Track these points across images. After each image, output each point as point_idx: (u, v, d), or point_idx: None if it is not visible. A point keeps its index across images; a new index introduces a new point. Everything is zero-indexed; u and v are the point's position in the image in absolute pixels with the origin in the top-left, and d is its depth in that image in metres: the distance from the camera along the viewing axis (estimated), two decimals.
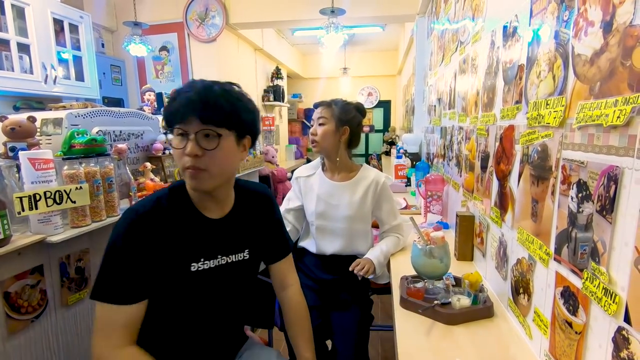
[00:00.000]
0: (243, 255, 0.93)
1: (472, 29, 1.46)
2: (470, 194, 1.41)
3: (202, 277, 0.86)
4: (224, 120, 0.79)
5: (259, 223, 0.98)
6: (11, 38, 2.30)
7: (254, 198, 0.99)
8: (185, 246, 0.84)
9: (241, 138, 0.84)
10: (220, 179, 0.83)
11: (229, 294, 0.94)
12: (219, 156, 0.79)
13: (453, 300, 0.98)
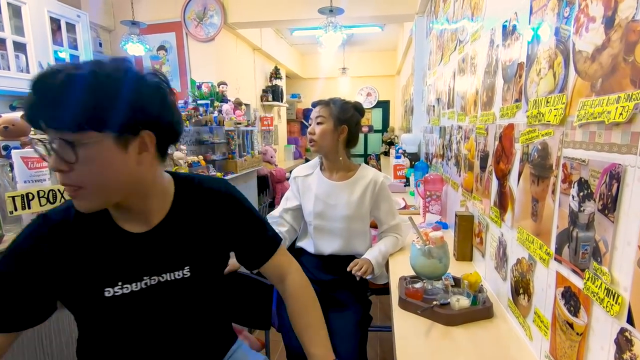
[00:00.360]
0: (182, 273, 0.74)
1: (471, 27, 1.45)
2: (469, 193, 1.40)
3: (122, 304, 0.70)
4: (78, 121, 0.56)
5: (210, 231, 0.78)
6: (7, 37, 2.28)
7: (205, 201, 0.79)
8: (96, 268, 0.68)
9: (129, 137, 0.62)
10: (112, 195, 0.65)
11: (171, 318, 0.77)
12: (88, 171, 0.59)
13: (452, 301, 0.97)
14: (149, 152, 0.66)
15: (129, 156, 0.63)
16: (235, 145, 2.68)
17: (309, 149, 6.95)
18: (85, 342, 0.77)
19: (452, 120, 1.78)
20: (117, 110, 0.59)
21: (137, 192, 0.69)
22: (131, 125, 0.61)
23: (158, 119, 0.66)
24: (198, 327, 0.82)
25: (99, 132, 0.58)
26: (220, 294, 0.87)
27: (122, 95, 0.59)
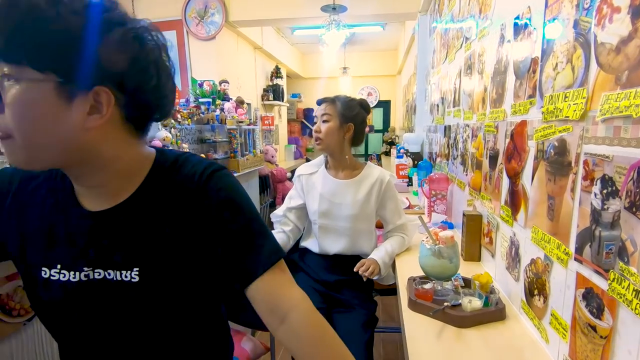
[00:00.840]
0: (129, 275, 0.58)
1: (478, 24, 1.43)
2: (477, 192, 1.38)
3: (57, 292, 0.59)
4: (11, 50, 0.47)
5: (176, 229, 0.60)
6: None
7: (180, 186, 0.61)
8: (41, 238, 0.60)
9: (79, 90, 0.50)
10: (42, 154, 0.52)
11: (119, 334, 0.61)
12: (17, 115, 0.48)
13: (464, 302, 0.95)
14: (102, 115, 0.52)
15: (72, 114, 0.50)
16: (237, 144, 2.66)
17: (311, 148, 6.96)
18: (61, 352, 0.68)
19: (458, 119, 1.76)
20: (66, 49, 0.47)
21: (86, 163, 0.55)
22: (81, 74, 0.49)
23: (125, 77, 0.53)
24: (160, 345, 0.63)
25: (39, 71, 0.47)
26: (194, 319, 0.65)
27: (76, 31, 0.48)
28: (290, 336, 0.60)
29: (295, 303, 0.61)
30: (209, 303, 0.69)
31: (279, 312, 0.60)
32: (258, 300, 0.61)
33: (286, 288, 0.63)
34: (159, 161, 0.64)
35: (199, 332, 0.67)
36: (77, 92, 0.50)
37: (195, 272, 0.62)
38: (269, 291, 0.61)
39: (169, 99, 0.64)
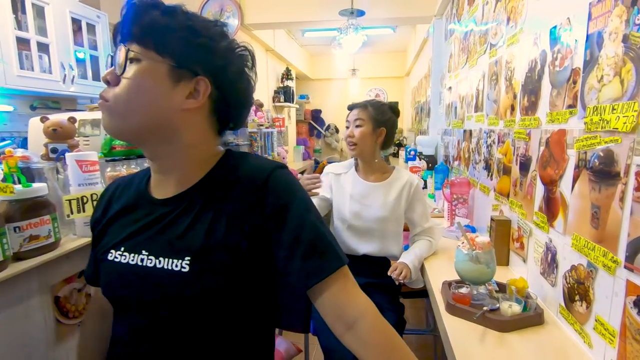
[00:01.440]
0: (180, 263, 0.59)
1: (506, 31, 1.45)
2: (504, 198, 1.40)
3: (118, 274, 0.63)
4: (147, 36, 0.58)
5: (232, 221, 0.61)
6: (31, 37, 2.29)
7: (242, 181, 0.64)
8: (117, 226, 0.67)
9: (184, 74, 0.60)
10: (128, 121, 0.59)
11: (165, 323, 0.62)
12: (127, 85, 0.58)
13: (504, 307, 0.97)
14: (197, 100, 0.62)
15: (174, 94, 0.60)
16: (258, 146, 2.69)
17: (318, 149, 6.96)
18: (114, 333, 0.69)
19: (481, 124, 1.78)
20: (183, 41, 0.60)
21: (167, 143, 0.62)
22: (191, 63, 0.61)
23: (221, 73, 0.63)
24: (208, 341, 0.63)
25: (159, 54, 0.59)
26: (245, 314, 0.66)
27: (195, 31, 0.60)
28: (358, 343, 0.61)
29: (363, 311, 0.62)
30: (258, 301, 0.68)
31: (346, 319, 0.61)
32: (324, 307, 0.63)
33: (352, 295, 0.64)
34: (225, 157, 0.69)
35: (244, 329, 0.67)
36: (183, 77, 0.61)
37: (248, 268, 0.62)
38: (336, 298, 0.62)
39: (247, 111, 0.71)
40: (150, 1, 0.60)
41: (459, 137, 2.29)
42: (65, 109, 2.87)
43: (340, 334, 0.63)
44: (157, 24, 0.58)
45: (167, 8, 0.60)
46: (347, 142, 1.46)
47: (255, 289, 0.65)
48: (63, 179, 1.03)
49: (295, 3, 3.34)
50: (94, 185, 0.96)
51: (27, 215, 0.82)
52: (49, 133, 1.06)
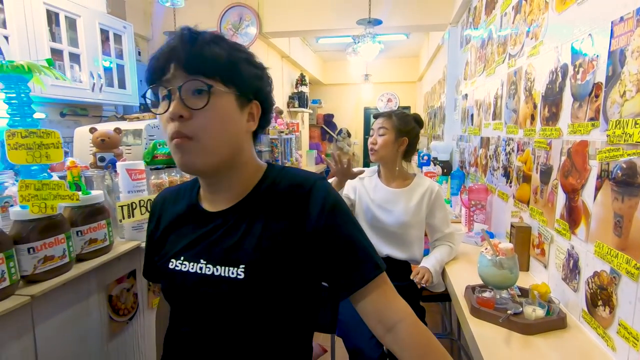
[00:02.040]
0: (235, 271, 0.64)
1: (526, 42, 1.49)
2: (524, 205, 1.44)
3: (179, 281, 0.68)
4: (216, 69, 0.61)
5: (280, 231, 0.66)
6: (64, 48, 2.40)
7: (286, 193, 0.68)
8: (171, 236, 0.72)
9: (245, 101, 0.66)
10: (217, 155, 0.63)
11: (221, 326, 0.67)
12: (211, 118, 0.60)
13: (528, 311, 1.01)
14: (255, 123, 0.69)
15: (242, 118, 0.66)
16: (279, 152, 2.76)
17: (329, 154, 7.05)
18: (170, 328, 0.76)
19: (499, 132, 1.82)
20: (246, 73, 0.65)
21: (231, 167, 0.67)
22: (247, 88, 0.66)
23: (266, 97, 0.71)
24: (258, 344, 0.68)
25: (226, 86, 0.63)
26: (295, 314, 0.71)
27: (250, 62, 0.67)
28: (397, 345, 0.67)
29: (403, 316, 0.68)
30: (301, 306, 0.73)
31: (386, 322, 0.67)
32: (365, 311, 0.68)
33: (391, 300, 0.69)
34: (268, 170, 0.74)
35: (291, 331, 0.72)
36: (245, 103, 0.67)
37: (297, 273, 0.67)
38: (376, 303, 0.68)
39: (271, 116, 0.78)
40: (208, 36, 0.63)
41: (476, 143, 2.32)
42: (92, 115, 2.99)
43: (380, 335, 0.68)
44: (221, 58, 0.62)
45: (221, 41, 0.64)
46: (369, 148, 1.53)
47: (299, 295, 0.70)
48: (110, 186, 1.11)
49: (312, 12, 3.41)
50: (141, 192, 1.03)
51: (87, 220, 0.89)
52: (97, 143, 1.14)
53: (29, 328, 0.77)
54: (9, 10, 2.04)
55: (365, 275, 0.67)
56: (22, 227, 0.77)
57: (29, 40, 2.15)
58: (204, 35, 0.63)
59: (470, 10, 2.68)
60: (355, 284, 0.67)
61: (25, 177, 0.77)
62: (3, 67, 0.72)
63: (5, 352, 0.74)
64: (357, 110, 7.45)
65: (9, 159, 0.73)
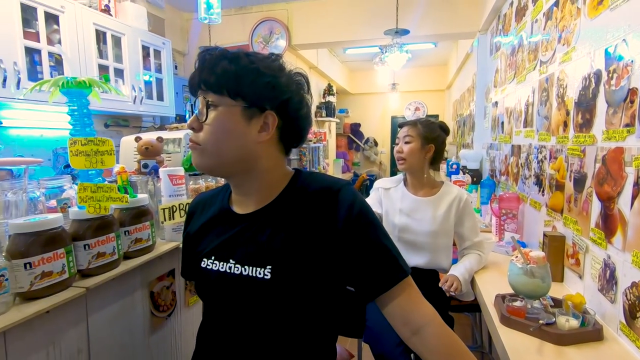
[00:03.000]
0: (262, 272, 0.67)
1: (558, 49, 1.47)
2: (557, 214, 1.40)
3: (210, 280, 0.72)
4: (223, 84, 0.66)
5: (307, 233, 0.69)
6: (110, 64, 2.59)
7: (313, 197, 0.71)
8: (204, 237, 0.77)
9: (255, 112, 0.68)
10: (223, 161, 0.69)
11: (249, 323, 0.70)
12: (211, 130, 0.67)
13: (561, 321, 0.99)
14: (268, 133, 0.69)
15: (250, 130, 0.68)
16: (307, 160, 2.82)
17: (357, 162, 7.03)
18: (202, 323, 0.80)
19: (531, 139, 1.79)
20: (252, 84, 0.66)
21: (248, 172, 0.71)
22: (261, 101, 0.68)
23: (285, 105, 0.70)
24: (283, 343, 0.70)
25: (232, 99, 0.66)
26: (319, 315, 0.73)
27: (259, 72, 0.67)
28: (423, 347, 0.68)
29: (429, 319, 0.69)
30: (326, 309, 0.74)
31: (411, 325, 0.69)
32: (391, 313, 0.70)
33: (418, 303, 0.71)
34: (295, 176, 0.77)
35: (315, 333, 0.73)
36: (254, 114, 0.68)
37: (323, 275, 0.69)
38: (402, 305, 0.69)
39: (307, 130, 0.79)
40: (219, 53, 0.68)
41: (507, 151, 2.28)
42: (133, 126, 3.19)
43: (406, 338, 0.70)
44: (228, 73, 0.66)
45: (232, 55, 0.67)
46: (396, 157, 1.54)
47: (324, 297, 0.72)
48: (152, 190, 1.19)
49: (339, 24, 3.49)
50: (181, 197, 1.11)
51: (133, 221, 0.97)
52: (141, 151, 1.24)
53: (83, 317, 0.85)
54: (64, 30, 2.24)
55: (391, 278, 0.69)
56: (79, 225, 0.86)
57: (80, 57, 2.35)
58: (220, 51, 0.68)
59: (499, 17, 2.66)
60: (381, 286, 0.69)
61: (83, 181, 0.86)
62: (68, 83, 0.82)
63: (65, 336, 0.82)
64: (384, 119, 7.44)
65: (71, 164, 0.83)
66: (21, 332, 0.73)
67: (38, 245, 0.75)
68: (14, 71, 1.94)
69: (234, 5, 3.71)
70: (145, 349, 1.03)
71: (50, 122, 2.50)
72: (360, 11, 3.41)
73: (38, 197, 0.90)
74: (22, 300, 0.76)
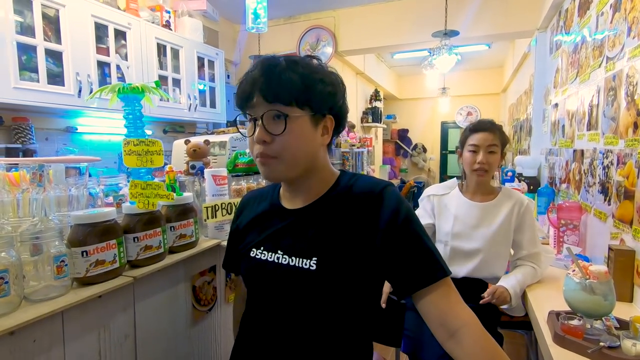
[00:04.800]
0: (308, 263, 0.70)
1: (627, 43, 1.33)
2: (627, 225, 1.26)
3: (259, 270, 0.75)
4: (291, 97, 0.68)
5: (351, 229, 0.71)
6: (169, 75, 2.80)
7: (357, 195, 0.74)
8: (254, 229, 0.80)
9: (319, 118, 0.71)
10: (297, 168, 0.71)
11: (292, 311, 0.72)
12: (289, 141, 0.68)
13: (626, 345, 0.88)
14: (329, 135, 0.74)
15: (316, 136, 0.72)
16: (350, 165, 2.82)
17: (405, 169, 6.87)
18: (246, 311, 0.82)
19: (595, 143, 1.62)
20: (319, 93, 0.70)
21: (309, 171, 0.74)
22: (321, 107, 0.71)
23: (340, 109, 0.75)
24: (323, 334, 0.72)
25: (301, 109, 0.69)
26: (359, 310, 0.74)
27: (324, 81, 0.70)
28: (460, 351, 0.66)
29: (466, 322, 0.67)
30: (369, 303, 0.76)
31: (449, 327, 0.67)
32: (428, 312, 0.69)
33: (456, 305, 0.69)
34: (340, 176, 0.80)
35: (353, 328, 0.74)
36: (319, 120, 0.72)
37: (364, 270, 0.71)
38: (439, 305, 0.68)
39: (346, 120, 0.81)
40: (283, 64, 0.69)
41: (568, 157, 2.09)
42: (188, 132, 3.41)
43: (442, 340, 0.68)
44: (297, 86, 0.67)
45: (295, 67, 0.69)
46: (477, 168, 1.39)
47: (365, 291, 0.73)
48: (198, 190, 1.26)
49: (386, 28, 3.46)
50: (223, 196, 1.16)
51: (179, 218, 1.04)
52: (190, 153, 1.31)
53: (131, 304, 0.92)
54: (130, 45, 2.47)
55: (429, 275, 0.69)
56: (130, 219, 0.93)
57: (143, 69, 2.56)
58: (281, 63, 0.69)
59: (560, 13, 2.47)
60: (419, 282, 0.68)
61: (134, 178, 0.93)
62: (124, 89, 0.90)
63: (114, 320, 0.90)
64: (433, 125, 7.20)
65: (125, 162, 0.91)
66: (77, 313, 0.80)
67: (94, 235, 0.82)
68: (87, 83, 2.18)
69: (283, 15, 3.84)
70: (187, 340, 1.08)
71: (116, 128, 2.75)
72: (408, 14, 3.36)
73: (97, 193, 0.99)
74: (79, 285, 0.84)
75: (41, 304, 0.75)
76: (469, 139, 1.43)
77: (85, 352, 0.83)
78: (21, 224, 0.81)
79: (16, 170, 0.88)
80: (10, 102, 1.85)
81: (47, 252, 0.78)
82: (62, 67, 2.09)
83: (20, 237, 0.77)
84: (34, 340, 0.73)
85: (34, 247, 0.78)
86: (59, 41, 2.07)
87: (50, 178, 0.91)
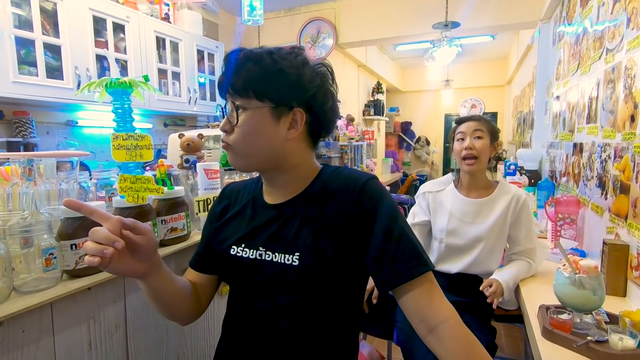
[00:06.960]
0: (291, 258, 0.69)
1: (626, 34, 1.31)
2: (621, 219, 1.24)
3: (239, 267, 0.74)
4: (248, 87, 0.67)
5: (333, 223, 0.70)
6: (168, 68, 2.80)
7: (339, 189, 0.73)
8: (234, 225, 0.78)
9: (283, 111, 0.69)
10: (252, 160, 0.72)
11: (275, 308, 0.72)
12: (241, 132, 0.68)
13: (613, 340, 0.87)
14: (297, 130, 0.70)
15: (279, 129, 0.69)
16: (348, 159, 2.81)
17: (407, 162, 6.85)
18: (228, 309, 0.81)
19: (594, 136, 1.60)
20: (277, 84, 0.67)
21: (279, 167, 0.73)
22: (286, 101, 0.68)
23: (312, 100, 0.70)
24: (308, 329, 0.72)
25: (259, 100, 0.67)
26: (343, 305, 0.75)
27: (283, 72, 0.67)
28: (439, 346, 0.66)
29: (446, 318, 0.66)
30: (353, 298, 0.76)
31: (429, 322, 0.66)
32: (408, 307, 0.68)
33: (436, 300, 0.68)
34: (323, 170, 0.78)
35: (338, 323, 0.74)
36: (282, 113, 0.69)
37: (348, 263, 0.70)
38: (419, 301, 0.67)
39: (334, 122, 0.79)
40: (242, 55, 0.68)
41: (568, 150, 2.07)
42: (189, 125, 3.42)
43: (422, 335, 0.68)
44: (252, 76, 0.66)
45: (255, 57, 0.67)
46: (465, 156, 1.37)
47: (347, 286, 0.73)
48: (192, 184, 1.27)
49: (387, 20, 3.42)
50: (215, 190, 1.16)
51: (170, 211, 1.05)
52: (184, 146, 1.32)
53: (121, 296, 0.94)
54: (129, 39, 2.47)
55: (410, 270, 0.67)
56: (120, 213, 0.94)
57: (142, 63, 2.57)
58: (242, 55, 0.68)
59: (563, 3, 2.42)
60: (400, 278, 0.67)
61: (124, 172, 0.94)
62: (112, 83, 0.90)
63: (104, 312, 0.91)
64: (437, 118, 7.14)
65: (113, 157, 0.91)
66: (66, 304, 0.81)
67: (83, 228, 0.83)
68: (86, 76, 2.19)
69: (283, 7, 3.81)
70: (178, 330, 1.10)
71: None
72: (409, 5, 3.31)
73: (90, 187, 1.01)
74: (69, 277, 0.86)
75: (30, 295, 0.77)
76: (456, 131, 1.44)
77: (75, 342, 0.84)
78: (11, 218, 0.82)
79: (7, 164, 0.90)
80: (10, 96, 1.87)
81: (37, 245, 0.79)
82: (60, 61, 2.10)
83: (10, 231, 0.78)
84: (23, 330, 0.75)
85: (24, 240, 0.79)
86: (57, 35, 2.07)
87: (41, 172, 0.92)
